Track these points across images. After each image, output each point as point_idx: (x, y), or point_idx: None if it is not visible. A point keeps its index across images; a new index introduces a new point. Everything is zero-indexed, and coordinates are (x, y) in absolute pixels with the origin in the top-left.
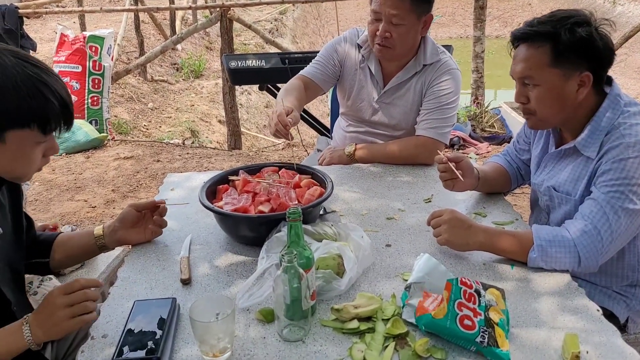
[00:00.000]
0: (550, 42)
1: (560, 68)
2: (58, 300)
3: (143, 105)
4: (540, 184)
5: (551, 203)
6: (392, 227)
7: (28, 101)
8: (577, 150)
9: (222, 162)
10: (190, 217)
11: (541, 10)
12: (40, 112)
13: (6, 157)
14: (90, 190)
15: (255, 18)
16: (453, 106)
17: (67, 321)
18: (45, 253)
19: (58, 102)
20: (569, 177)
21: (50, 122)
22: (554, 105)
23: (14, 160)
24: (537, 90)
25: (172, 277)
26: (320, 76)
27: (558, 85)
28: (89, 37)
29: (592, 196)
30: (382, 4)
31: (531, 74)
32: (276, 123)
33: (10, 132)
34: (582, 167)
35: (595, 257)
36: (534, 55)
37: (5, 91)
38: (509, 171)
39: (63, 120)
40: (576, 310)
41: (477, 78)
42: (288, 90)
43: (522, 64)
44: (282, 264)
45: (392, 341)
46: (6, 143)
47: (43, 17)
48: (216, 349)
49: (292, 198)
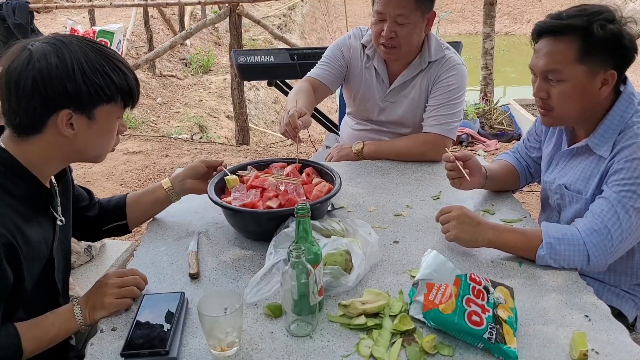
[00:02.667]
0: (580, 37)
1: (587, 65)
2: (111, 280)
3: (152, 100)
4: (551, 182)
5: (562, 201)
6: (400, 223)
7: (112, 76)
8: (589, 149)
9: (230, 158)
10: (198, 212)
11: (551, 7)
12: (124, 85)
13: (95, 134)
14: (99, 185)
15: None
16: (459, 102)
17: (114, 300)
18: (122, 216)
19: (133, 76)
20: (581, 176)
21: (132, 94)
22: (576, 103)
23: (102, 135)
24: (560, 86)
25: (181, 272)
26: (328, 77)
27: (583, 82)
28: (98, 31)
29: (603, 195)
30: (387, 4)
31: (557, 69)
32: (287, 123)
33: (100, 107)
34: (594, 165)
35: (604, 256)
36: (561, 49)
37: (92, 69)
38: (517, 169)
39: (137, 94)
40: (584, 308)
41: (487, 75)
42: (298, 93)
43: (546, 57)
44: (290, 260)
45: (399, 337)
46: (96, 119)
47: (53, 12)
48: (224, 343)
49: (301, 194)
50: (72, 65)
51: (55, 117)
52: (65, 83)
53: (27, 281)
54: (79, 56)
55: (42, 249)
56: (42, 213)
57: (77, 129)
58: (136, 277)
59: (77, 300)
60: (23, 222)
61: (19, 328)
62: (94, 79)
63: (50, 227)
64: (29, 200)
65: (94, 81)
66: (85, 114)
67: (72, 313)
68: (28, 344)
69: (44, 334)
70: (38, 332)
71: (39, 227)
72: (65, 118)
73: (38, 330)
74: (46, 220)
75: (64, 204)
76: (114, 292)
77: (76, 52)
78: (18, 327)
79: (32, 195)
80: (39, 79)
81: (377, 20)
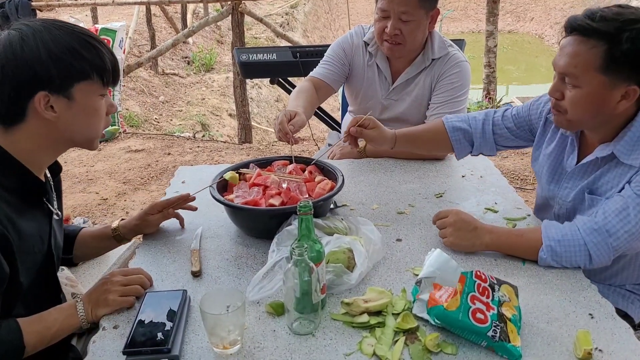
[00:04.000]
0: (606, 44)
1: (608, 76)
2: (116, 278)
3: (154, 99)
4: (565, 196)
5: (581, 206)
6: (403, 221)
7: (82, 52)
8: (615, 158)
9: (233, 156)
10: (201, 210)
11: (554, 5)
12: (97, 61)
13: (78, 114)
14: (101, 183)
15: (266, 12)
16: (463, 99)
17: (117, 297)
18: (68, 249)
19: (108, 54)
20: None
21: (107, 70)
22: (588, 111)
23: (86, 115)
24: (575, 92)
25: (183, 269)
26: (331, 76)
27: (600, 92)
28: (101, 29)
29: (621, 193)
30: (391, 1)
31: (574, 73)
32: (278, 130)
33: (76, 86)
34: (620, 173)
35: (606, 254)
36: (584, 53)
37: (60, 48)
38: (450, 136)
39: (115, 73)
40: (589, 306)
41: (489, 73)
42: (299, 93)
43: (568, 59)
44: (293, 257)
45: (402, 336)
46: (76, 99)
47: (55, 10)
48: (226, 341)
49: (303, 192)
50: (37, 48)
51: (32, 102)
52: (33, 66)
53: (23, 275)
54: (45, 38)
55: (37, 243)
56: (37, 206)
57: (59, 111)
58: (141, 276)
59: (79, 297)
60: (16, 215)
61: (21, 323)
62: (63, 56)
63: (46, 222)
64: (22, 192)
65: (62, 59)
66: (62, 94)
67: (74, 309)
68: (30, 338)
69: (46, 329)
70: (40, 327)
71: (34, 221)
72: (43, 101)
73: (40, 326)
74: (42, 214)
75: (58, 199)
76: (118, 290)
77: (41, 34)
78: (20, 322)
79: (25, 188)
80: (6, 66)
81: (380, 17)
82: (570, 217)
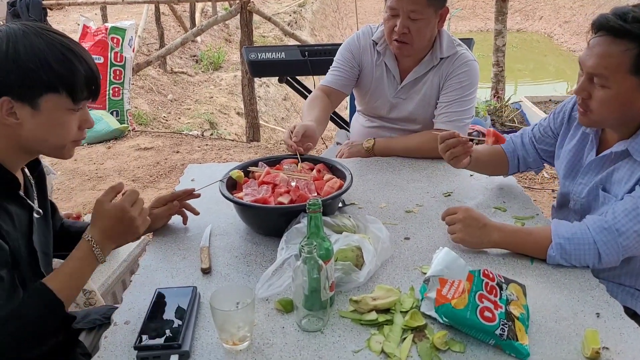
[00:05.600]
0: (639, 48)
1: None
2: (132, 213)
3: (163, 97)
4: (579, 192)
5: (595, 203)
6: (411, 220)
7: (54, 66)
8: (628, 154)
9: (241, 154)
10: (210, 208)
11: (564, 3)
12: (68, 77)
13: (42, 125)
14: (111, 180)
15: (275, 10)
16: (471, 98)
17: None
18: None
19: (84, 70)
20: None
21: (77, 88)
22: (616, 112)
23: (50, 127)
24: (604, 93)
25: (193, 266)
26: (341, 82)
27: (629, 94)
28: (110, 28)
29: (631, 194)
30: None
31: (604, 74)
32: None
33: (43, 97)
34: (631, 171)
35: (616, 253)
36: (615, 54)
37: (29, 57)
38: (507, 155)
39: (90, 89)
40: (597, 306)
41: (498, 72)
42: (311, 103)
43: (598, 59)
44: (302, 255)
45: (410, 333)
46: (41, 110)
47: (66, 9)
48: (236, 338)
49: (312, 190)
50: (6, 52)
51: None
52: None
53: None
54: (19, 43)
55: (14, 239)
56: (13, 202)
57: (21, 119)
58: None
59: (92, 241)
60: None
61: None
62: (30, 65)
63: (26, 218)
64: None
65: (29, 68)
66: (27, 103)
67: (92, 254)
68: (62, 293)
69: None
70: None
71: (9, 218)
72: (6, 106)
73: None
74: (21, 210)
75: (40, 196)
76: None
77: (17, 38)
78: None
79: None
80: None
81: (390, 16)
82: (584, 214)
